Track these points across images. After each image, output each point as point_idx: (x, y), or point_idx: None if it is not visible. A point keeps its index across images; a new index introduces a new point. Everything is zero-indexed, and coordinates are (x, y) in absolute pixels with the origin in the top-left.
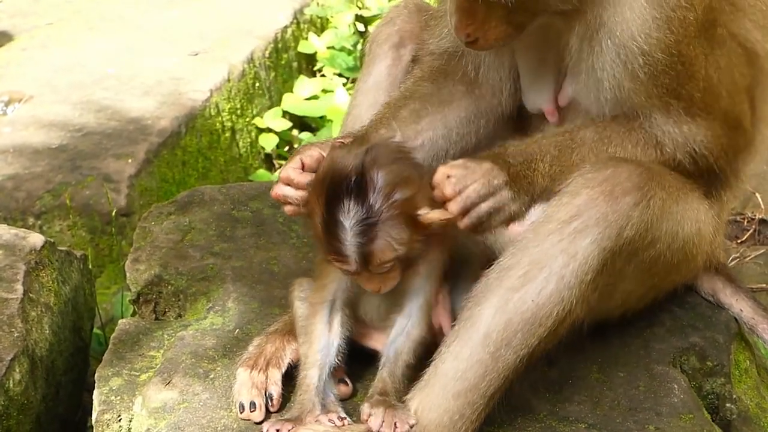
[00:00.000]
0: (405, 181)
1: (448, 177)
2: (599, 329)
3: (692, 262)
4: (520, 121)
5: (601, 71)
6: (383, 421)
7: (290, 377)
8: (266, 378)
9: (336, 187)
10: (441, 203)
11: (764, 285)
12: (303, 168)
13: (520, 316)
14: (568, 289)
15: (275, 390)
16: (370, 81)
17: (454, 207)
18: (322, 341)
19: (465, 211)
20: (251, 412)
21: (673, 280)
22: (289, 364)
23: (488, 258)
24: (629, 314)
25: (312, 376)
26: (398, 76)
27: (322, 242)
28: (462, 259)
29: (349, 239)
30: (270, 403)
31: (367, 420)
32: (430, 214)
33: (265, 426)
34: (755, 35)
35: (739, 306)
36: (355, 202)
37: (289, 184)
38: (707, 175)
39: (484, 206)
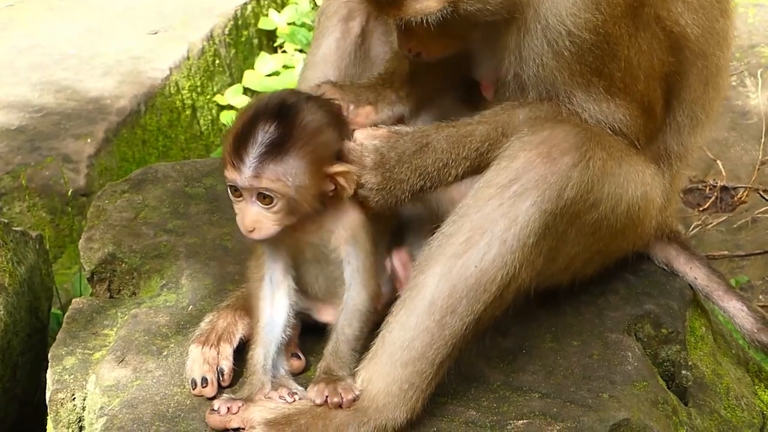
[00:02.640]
0: (328, 132)
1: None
2: (552, 298)
3: (639, 227)
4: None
5: (527, 51)
6: (327, 394)
7: (243, 351)
8: (218, 353)
9: (268, 106)
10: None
11: (726, 252)
12: None
13: (464, 282)
14: (511, 253)
15: (226, 365)
16: (318, 54)
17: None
18: (264, 318)
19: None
20: (203, 387)
21: (620, 246)
22: (241, 339)
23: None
24: (578, 280)
25: (258, 354)
26: (347, 49)
27: (227, 147)
28: (412, 218)
29: (254, 149)
30: (221, 378)
31: (312, 399)
32: (335, 167)
33: (216, 404)
34: (687, 18)
35: (693, 274)
36: (278, 124)
37: None
38: (655, 142)
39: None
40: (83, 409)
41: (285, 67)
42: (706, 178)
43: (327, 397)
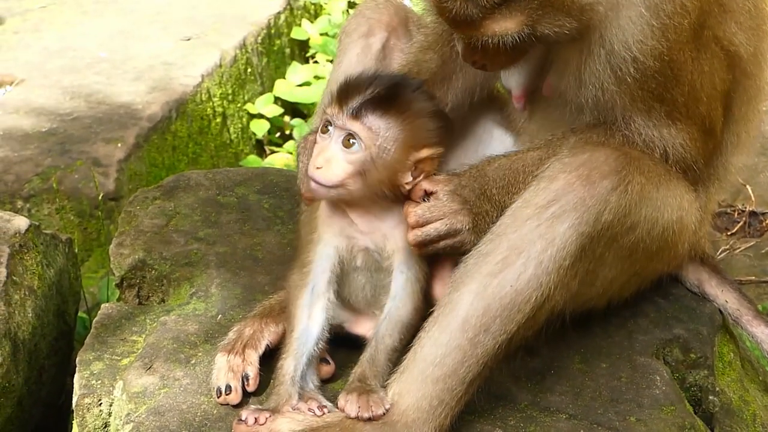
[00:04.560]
0: (432, 122)
1: (414, 213)
2: (582, 319)
3: (673, 250)
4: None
5: (588, 74)
6: (359, 407)
7: (271, 357)
8: (243, 360)
9: (393, 74)
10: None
11: (753, 277)
12: None
13: (498, 301)
14: (547, 275)
15: (251, 370)
16: (339, 70)
17: (412, 237)
18: (300, 328)
19: (421, 245)
20: (227, 395)
21: (656, 269)
22: (268, 345)
23: None
24: (614, 303)
25: (288, 365)
26: (367, 65)
27: (341, 85)
28: None
29: (365, 95)
30: (246, 383)
31: (343, 408)
32: (424, 151)
33: (243, 414)
34: (740, 37)
35: (724, 297)
36: (396, 89)
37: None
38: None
39: (442, 244)
40: (109, 414)
41: (316, 77)
42: (735, 203)
43: (359, 409)
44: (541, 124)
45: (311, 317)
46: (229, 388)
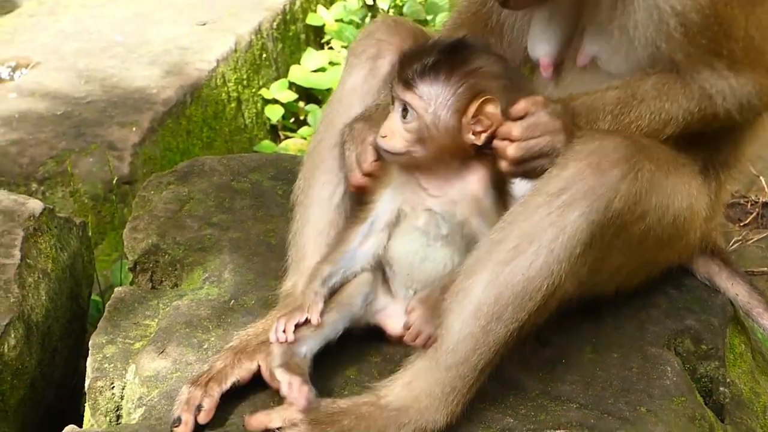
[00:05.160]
0: (493, 84)
1: (519, 126)
2: (594, 309)
3: (684, 239)
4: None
5: (634, 30)
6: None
7: (238, 396)
8: (203, 393)
9: (449, 41)
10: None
11: (765, 268)
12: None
13: (510, 289)
14: (558, 263)
15: (207, 403)
16: (345, 89)
17: (513, 151)
18: (349, 247)
19: (521, 161)
20: (175, 427)
21: (666, 257)
22: (237, 382)
23: None
24: (623, 291)
25: (324, 269)
26: (374, 86)
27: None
28: None
29: (416, 66)
30: (197, 413)
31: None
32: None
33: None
34: None
35: (735, 290)
36: (447, 57)
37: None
38: (708, 150)
39: (538, 162)
40: (122, 398)
41: (331, 63)
42: (748, 194)
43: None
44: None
45: (362, 245)
46: (179, 420)
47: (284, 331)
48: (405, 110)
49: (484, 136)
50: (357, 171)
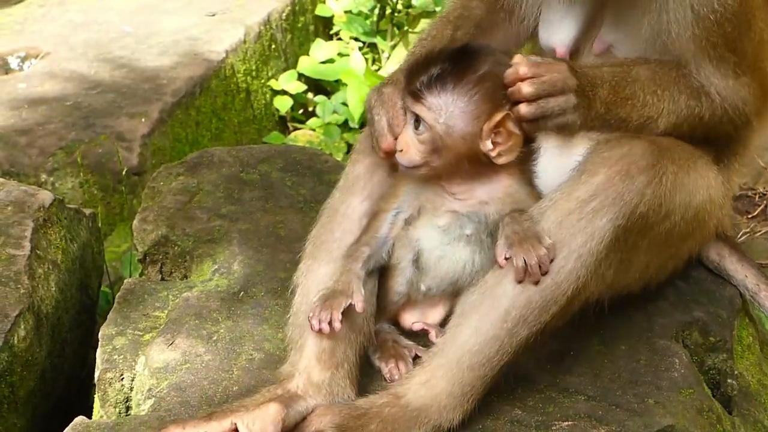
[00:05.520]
0: (498, 88)
1: (527, 61)
2: (603, 302)
3: (705, 228)
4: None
5: (655, 19)
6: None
7: None
8: None
9: (455, 49)
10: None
11: None
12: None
13: (539, 294)
14: (585, 267)
15: None
16: (349, 178)
17: (527, 88)
18: (381, 233)
19: (535, 97)
20: None
21: (689, 248)
22: None
23: None
24: (652, 286)
25: (363, 251)
26: (378, 174)
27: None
28: None
29: (424, 78)
30: None
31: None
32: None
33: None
34: None
35: (744, 272)
36: (455, 66)
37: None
38: (723, 140)
39: (553, 101)
40: (131, 389)
41: (340, 54)
42: (756, 186)
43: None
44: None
45: (392, 231)
46: None
47: (330, 323)
48: (417, 122)
49: (500, 149)
50: (388, 135)
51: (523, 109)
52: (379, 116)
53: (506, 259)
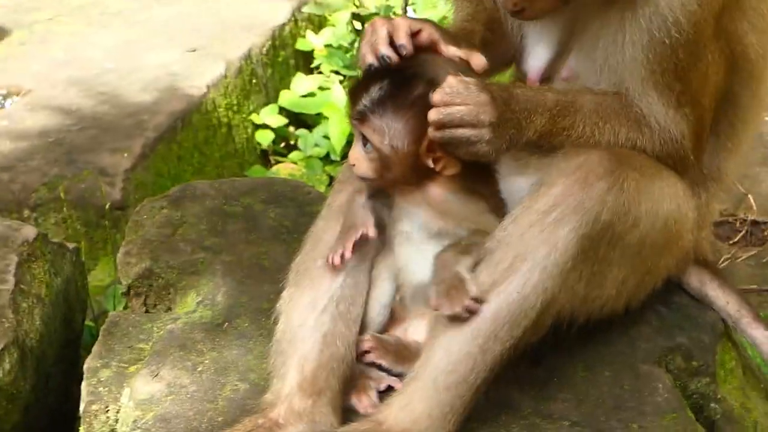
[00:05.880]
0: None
1: (444, 90)
2: (586, 327)
3: (680, 241)
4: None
5: (623, 35)
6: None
7: None
8: None
9: (398, 66)
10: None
11: (755, 286)
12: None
13: (506, 308)
14: (551, 279)
15: None
16: (332, 208)
17: (432, 114)
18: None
19: (440, 125)
20: None
21: (666, 264)
22: None
23: None
24: (632, 305)
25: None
26: (361, 202)
27: (353, 83)
28: None
29: (367, 97)
30: None
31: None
32: None
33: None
34: (750, 38)
35: (726, 298)
36: (396, 84)
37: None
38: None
39: (459, 132)
40: (116, 421)
41: (321, 88)
42: (737, 212)
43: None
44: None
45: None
46: None
47: (341, 255)
48: (365, 140)
49: (442, 162)
50: (384, 41)
51: (431, 132)
52: (381, 26)
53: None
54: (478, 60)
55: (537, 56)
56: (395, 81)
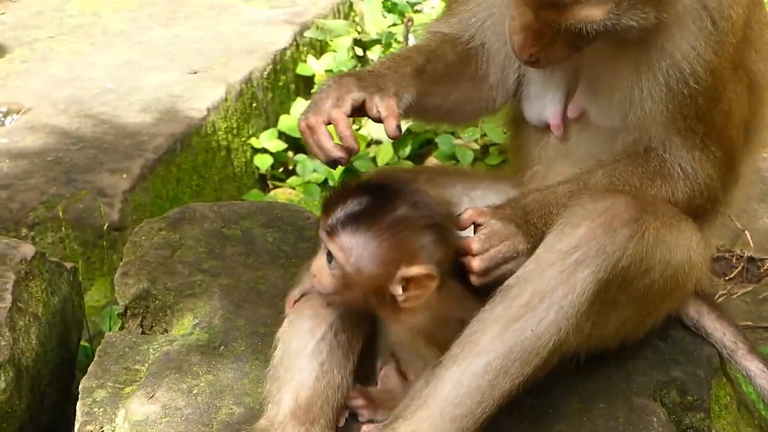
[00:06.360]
0: (421, 234)
1: (476, 227)
2: (581, 360)
3: (683, 288)
4: (517, 127)
5: (639, 90)
6: None
7: None
8: None
9: (376, 184)
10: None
11: (750, 322)
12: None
13: (519, 345)
14: (566, 319)
15: None
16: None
17: (478, 264)
18: None
19: (486, 271)
20: None
21: (667, 307)
22: None
23: None
24: (629, 343)
25: None
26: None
27: (327, 197)
28: None
29: (339, 213)
30: None
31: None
32: (413, 269)
33: None
34: (759, 66)
35: (723, 330)
36: (373, 205)
37: (331, 123)
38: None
39: (504, 267)
40: None
41: None
42: (734, 248)
43: None
44: (558, 150)
45: None
46: None
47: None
48: (330, 256)
49: (408, 296)
50: (322, 114)
51: (474, 279)
52: (326, 95)
53: None
54: (392, 125)
55: (551, 101)
56: (376, 197)
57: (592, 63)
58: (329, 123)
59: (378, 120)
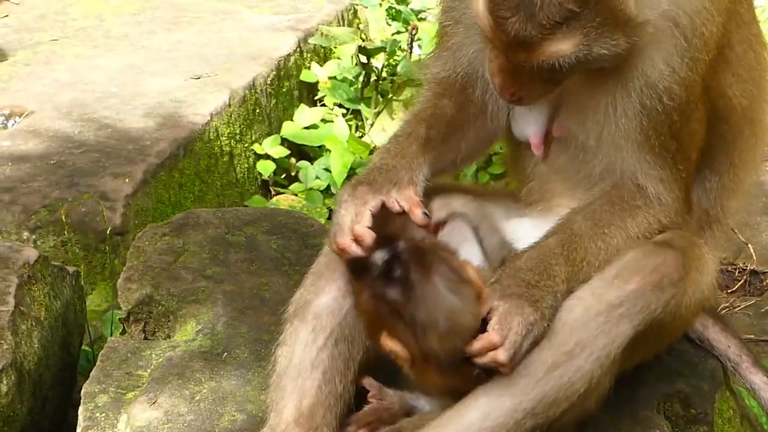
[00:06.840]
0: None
1: (496, 331)
2: None
3: (701, 313)
4: (512, 143)
5: (619, 107)
6: None
7: None
8: None
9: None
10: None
11: (752, 336)
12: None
13: (553, 390)
14: (600, 369)
15: None
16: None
17: (505, 356)
18: None
19: (515, 357)
20: None
21: (684, 332)
22: None
23: None
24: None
25: None
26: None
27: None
28: None
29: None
30: None
31: None
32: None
33: None
34: (735, 89)
35: (728, 342)
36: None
37: (357, 242)
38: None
39: (526, 344)
40: None
41: (324, 120)
42: (736, 261)
43: None
44: (550, 167)
45: None
46: None
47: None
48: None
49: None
50: (348, 233)
51: (507, 372)
52: (346, 211)
53: None
54: (418, 215)
55: (533, 122)
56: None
57: (574, 86)
58: (356, 240)
59: (403, 213)
